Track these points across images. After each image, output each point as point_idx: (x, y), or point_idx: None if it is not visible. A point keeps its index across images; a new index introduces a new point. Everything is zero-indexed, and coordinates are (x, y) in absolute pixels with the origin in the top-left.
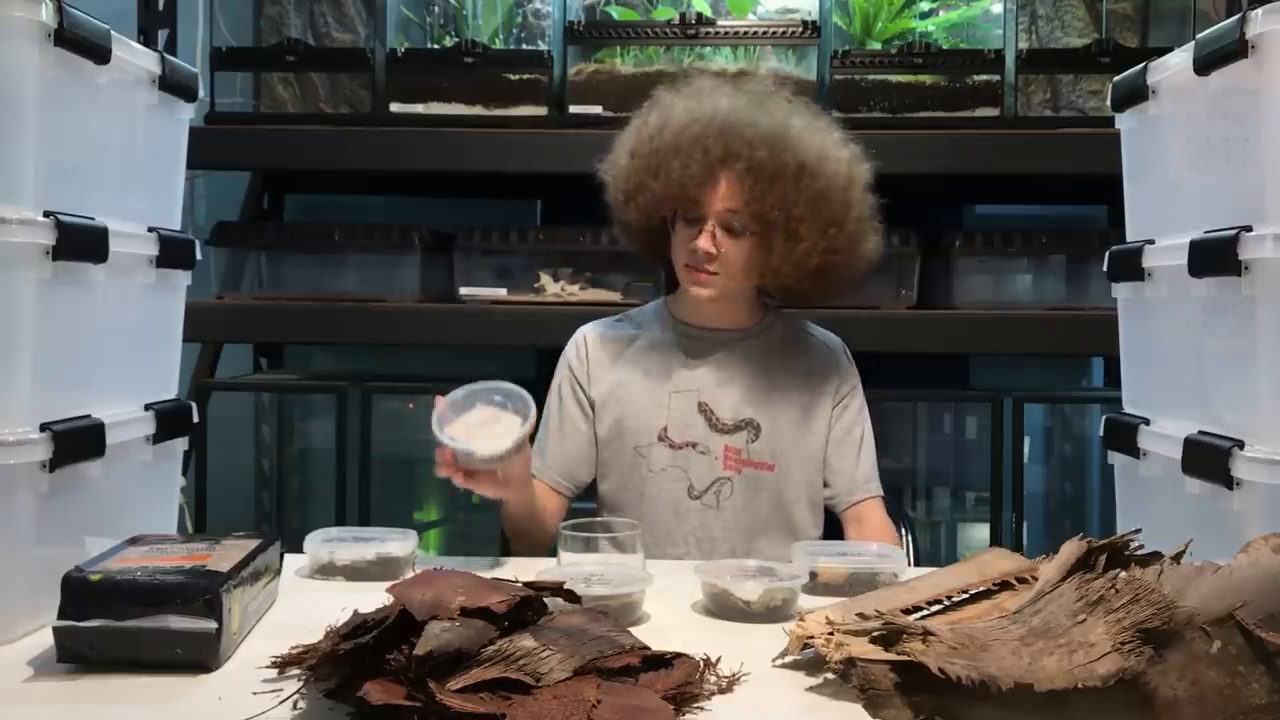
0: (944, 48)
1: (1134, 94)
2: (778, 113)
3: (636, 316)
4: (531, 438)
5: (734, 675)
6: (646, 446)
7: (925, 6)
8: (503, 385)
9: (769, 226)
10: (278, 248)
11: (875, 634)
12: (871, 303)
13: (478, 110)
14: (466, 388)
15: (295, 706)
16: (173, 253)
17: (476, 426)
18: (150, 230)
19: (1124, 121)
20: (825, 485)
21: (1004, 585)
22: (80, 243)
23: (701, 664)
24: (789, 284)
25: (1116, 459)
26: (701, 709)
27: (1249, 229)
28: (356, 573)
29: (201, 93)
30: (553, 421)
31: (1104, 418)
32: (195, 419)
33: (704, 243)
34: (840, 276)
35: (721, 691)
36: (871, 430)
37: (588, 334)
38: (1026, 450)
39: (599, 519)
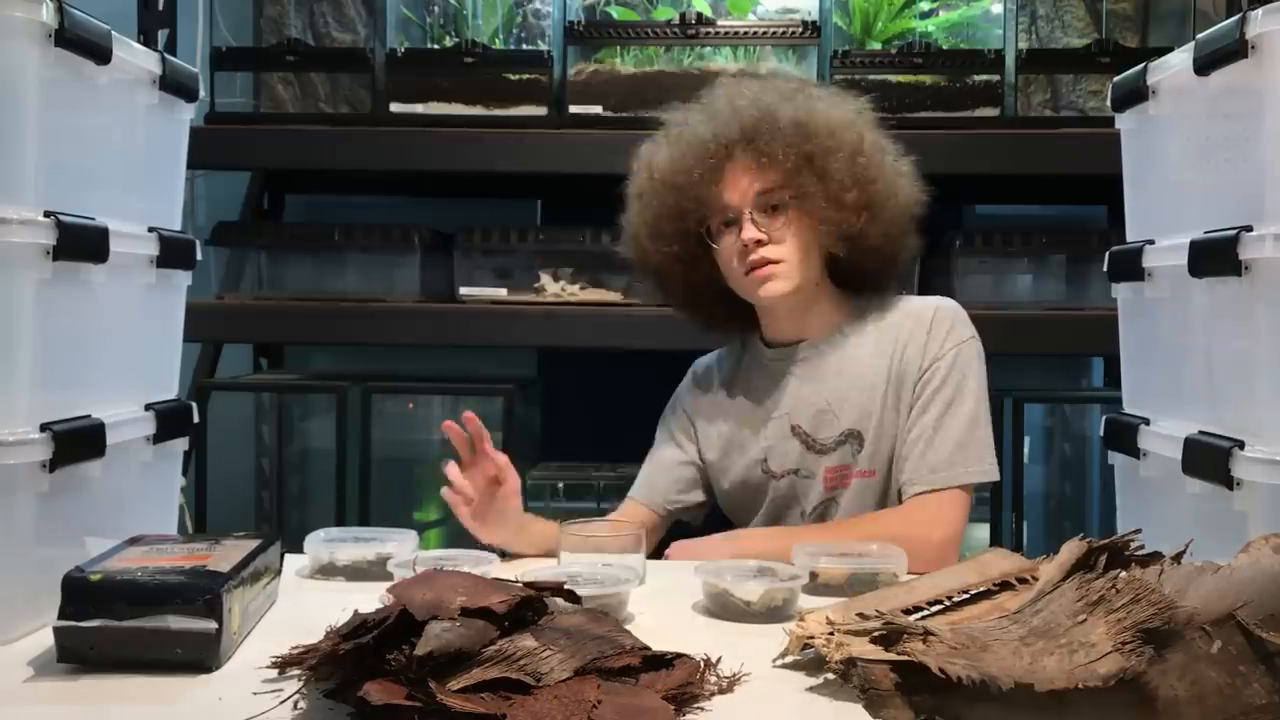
0: (944, 48)
1: (1134, 94)
2: (759, 95)
3: (738, 347)
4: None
5: (734, 675)
6: (754, 479)
7: (925, 6)
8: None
9: (795, 180)
10: (278, 248)
11: (875, 634)
12: None
13: (478, 110)
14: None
15: (295, 706)
16: (173, 253)
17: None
18: (150, 230)
19: (1124, 121)
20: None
21: (1004, 585)
22: (80, 243)
23: (702, 664)
24: (847, 234)
25: (1116, 459)
26: (702, 709)
27: (1249, 229)
28: (357, 573)
29: (201, 93)
30: (657, 450)
31: (1104, 418)
32: (195, 419)
33: (749, 232)
34: (892, 214)
35: (722, 692)
36: (968, 404)
37: (698, 367)
38: (1026, 450)
39: (599, 519)
